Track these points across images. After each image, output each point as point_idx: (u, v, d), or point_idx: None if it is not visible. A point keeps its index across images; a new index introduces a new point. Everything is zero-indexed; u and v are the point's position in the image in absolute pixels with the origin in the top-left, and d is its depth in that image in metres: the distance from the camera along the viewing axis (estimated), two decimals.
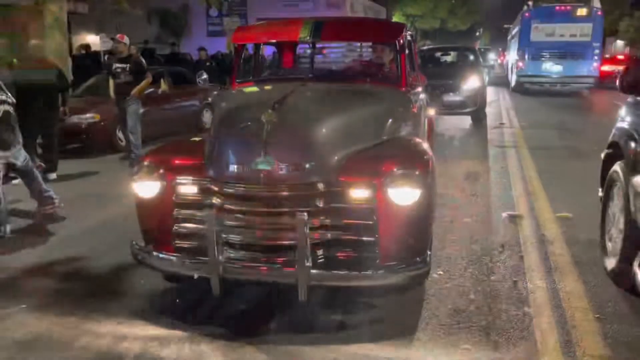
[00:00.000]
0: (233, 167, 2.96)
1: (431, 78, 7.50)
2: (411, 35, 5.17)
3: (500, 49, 35.64)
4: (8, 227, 4.69)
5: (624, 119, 3.85)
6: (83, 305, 3.40)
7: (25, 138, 5.22)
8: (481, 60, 13.90)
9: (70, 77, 8.50)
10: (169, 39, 27.22)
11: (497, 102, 16.21)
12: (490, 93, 17.88)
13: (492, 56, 31.87)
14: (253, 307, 3.35)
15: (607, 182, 3.90)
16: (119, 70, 7.51)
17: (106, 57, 11.96)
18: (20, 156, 4.89)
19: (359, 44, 5.59)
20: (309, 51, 4.98)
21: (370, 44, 5.05)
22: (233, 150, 3.01)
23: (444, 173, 6.63)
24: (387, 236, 2.92)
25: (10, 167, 4.95)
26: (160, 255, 3.10)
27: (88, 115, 8.39)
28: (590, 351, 2.82)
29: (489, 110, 12.43)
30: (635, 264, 3.20)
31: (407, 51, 4.56)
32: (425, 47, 15.80)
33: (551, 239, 4.49)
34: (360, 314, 3.26)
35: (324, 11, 29.32)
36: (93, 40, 19.83)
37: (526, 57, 18.32)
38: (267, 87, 4.35)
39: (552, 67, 17.89)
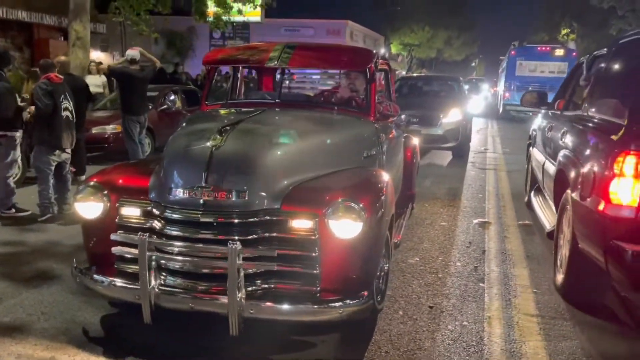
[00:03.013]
0: (174, 191, 2.91)
1: (410, 109, 7.19)
2: (387, 64, 5.17)
3: (494, 80, 36.98)
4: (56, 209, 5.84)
5: (534, 122, 6.65)
6: None
7: None
8: (466, 91, 13.11)
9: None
10: (174, 58, 28.42)
11: (485, 130, 17.32)
12: (480, 122, 19.09)
13: (485, 86, 33.22)
14: (183, 340, 3.14)
15: (527, 158, 6.91)
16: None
17: None
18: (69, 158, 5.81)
19: (334, 71, 5.34)
20: (280, 76, 4.96)
21: (342, 71, 4.88)
22: (176, 173, 2.98)
23: (427, 189, 7.61)
24: (329, 269, 2.86)
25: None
26: (95, 277, 3.04)
27: (111, 126, 9.33)
28: (524, 311, 3.73)
29: (475, 137, 13.34)
30: (531, 193, 6.00)
31: (378, 80, 4.49)
32: (405, 75, 15.74)
33: (511, 239, 5.43)
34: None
35: (324, 38, 30.71)
36: (97, 56, 20.88)
37: (512, 88, 21.48)
38: (230, 111, 4.18)
39: None
